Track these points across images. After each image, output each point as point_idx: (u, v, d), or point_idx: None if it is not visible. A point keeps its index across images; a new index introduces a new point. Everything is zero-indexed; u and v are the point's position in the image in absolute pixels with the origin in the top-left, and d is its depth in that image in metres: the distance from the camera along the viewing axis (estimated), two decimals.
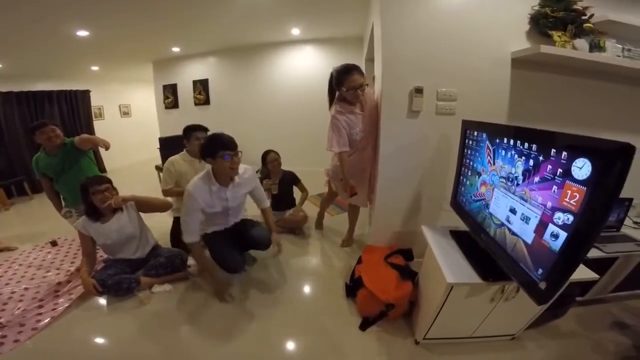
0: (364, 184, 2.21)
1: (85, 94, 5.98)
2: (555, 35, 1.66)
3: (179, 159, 2.40)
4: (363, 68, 3.64)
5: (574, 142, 0.85)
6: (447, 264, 1.29)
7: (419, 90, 1.77)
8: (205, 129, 2.43)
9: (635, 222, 1.89)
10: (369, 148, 2.08)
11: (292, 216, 2.80)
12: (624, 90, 1.87)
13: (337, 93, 1.93)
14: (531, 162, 1.02)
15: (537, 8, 1.68)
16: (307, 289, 2.07)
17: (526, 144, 1.05)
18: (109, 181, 2.05)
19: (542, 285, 0.91)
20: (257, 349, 1.58)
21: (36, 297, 1.99)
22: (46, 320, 1.80)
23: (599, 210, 0.76)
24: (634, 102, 1.91)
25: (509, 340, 1.54)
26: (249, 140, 2.97)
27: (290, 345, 1.61)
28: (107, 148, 2.34)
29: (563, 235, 0.84)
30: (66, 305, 1.92)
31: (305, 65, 4.43)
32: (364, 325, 1.66)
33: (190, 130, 2.39)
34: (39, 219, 3.69)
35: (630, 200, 1.74)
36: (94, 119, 6.18)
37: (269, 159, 2.78)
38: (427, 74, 1.78)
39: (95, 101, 6.15)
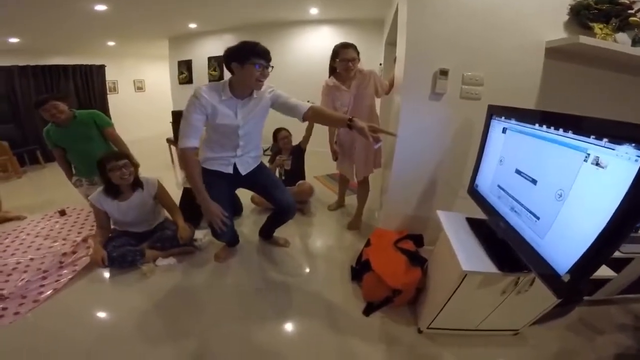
0: (351, 157, 2.29)
1: (101, 68, 6.04)
2: (597, 27, 1.58)
3: None
4: (382, 51, 3.62)
5: (617, 129, 0.78)
6: (462, 250, 1.24)
7: (443, 72, 1.70)
8: None
9: None
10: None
11: (298, 187, 2.79)
12: None
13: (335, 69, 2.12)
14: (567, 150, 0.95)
15: None
16: (311, 270, 2.05)
17: (561, 130, 0.98)
18: (128, 156, 2.00)
19: (566, 277, 0.86)
20: (257, 326, 1.57)
21: (40, 268, 1.98)
22: (48, 292, 1.79)
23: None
24: None
25: (512, 336, 1.51)
26: None
27: (292, 326, 1.60)
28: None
29: (599, 225, 0.77)
30: (70, 277, 1.92)
31: (321, 46, 4.32)
32: (368, 310, 1.64)
33: None
34: (50, 188, 3.75)
35: None
36: (108, 93, 6.24)
37: (280, 136, 2.76)
38: (453, 57, 1.70)
39: (109, 76, 6.21)
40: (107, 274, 1.97)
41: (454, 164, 1.91)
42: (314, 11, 4.02)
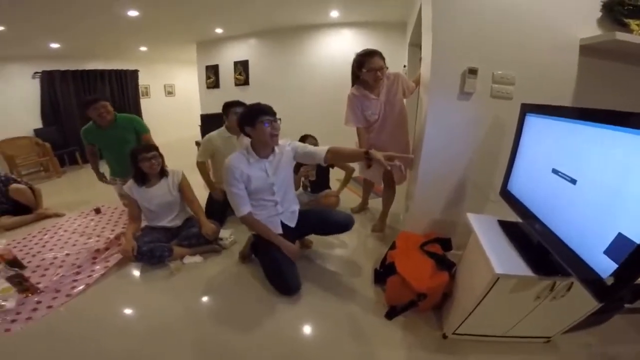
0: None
1: (134, 73, 6.36)
2: (633, 23, 1.53)
3: (215, 135, 2.51)
4: (406, 53, 3.59)
5: None
6: (494, 253, 1.19)
7: (472, 71, 1.66)
8: (244, 104, 2.46)
9: None
10: (387, 130, 2.12)
11: (325, 198, 2.77)
12: None
13: (358, 77, 2.05)
14: (605, 145, 0.91)
15: None
16: (333, 273, 2.04)
17: (600, 126, 0.94)
18: (157, 149, 2.18)
19: (610, 280, 0.81)
20: (280, 327, 1.58)
21: (75, 264, 2.09)
22: (81, 287, 1.87)
23: None
24: None
25: (543, 343, 1.43)
26: (285, 121, 2.97)
27: (314, 329, 1.60)
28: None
29: None
30: (102, 272, 2.01)
31: (343, 49, 4.33)
32: (391, 314, 1.61)
33: (229, 106, 2.46)
34: (87, 187, 3.97)
35: None
36: (141, 97, 6.54)
37: (309, 142, 2.73)
38: (482, 55, 1.66)
39: (142, 80, 6.54)
40: (136, 271, 2.06)
41: (484, 165, 1.85)
42: (334, 14, 4.05)
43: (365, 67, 1.93)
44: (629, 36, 1.46)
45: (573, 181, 1.03)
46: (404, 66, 3.74)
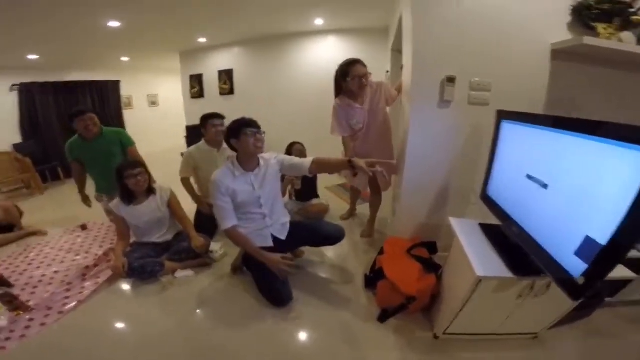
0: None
1: (116, 84, 6.25)
2: (600, 27, 1.60)
3: (195, 150, 2.52)
4: (389, 58, 3.66)
5: (627, 132, 0.80)
6: (476, 256, 1.25)
7: (451, 80, 1.72)
8: (221, 117, 2.50)
9: None
10: (371, 138, 2.18)
11: (314, 207, 2.80)
12: None
13: (342, 87, 2.11)
14: (573, 151, 0.97)
15: (580, 0, 1.61)
16: (325, 280, 2.07)
17: (568, 133, 1.00)
18: (143, 165, 2.15)
19: (581, 280, 0.87)
20: (275, 337, 1.60)
21: (64, 281, 2.06)
22: (72, 304, 1.85)
23: None
24: None
25: (531, 339, 1.49)
26: (272, 129, 2.99)
27: (307, 334, 1.62)
28: None
29: (610, 228, 0.79)
30: (92, 289, 1.99)
31: (328, 56, 4.36)
32: (383, 317, 1.65)
33: (207, 118, 2.48)
34: (71, 203, 3.85)
35: None
36: (123, 108, 6.44)
37: (294, 150, 2.73)
38: (459, 63, 1.73)
39: (124, 91, 6.43)
40: (127, 287, 2.04)
41: (465, 170, 1.92)
42: (319, 22, 4.07)
43: (350, 75, 1.99)
44: (596, 40, 1.54)
45: (545, 186, 1.10)
46: (387, 72, 3.80)
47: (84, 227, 2.97)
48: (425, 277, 1.63)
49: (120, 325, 1.75)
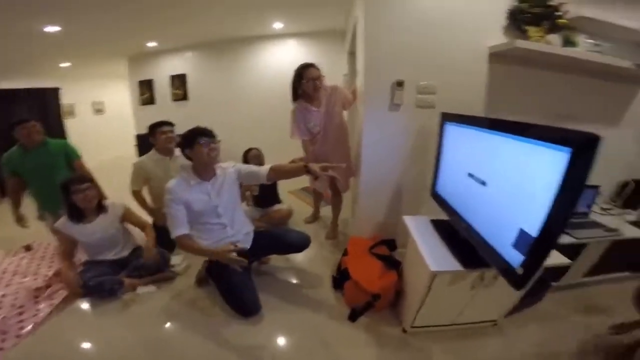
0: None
1: (55, 91, 5.73)
2: (531, 30, 1.72)
3: (147, 159, 2.40)
4: (345, 60, 3.72)
5: (546, 133, 0.89)
6: (429, 252, 1.33)
7: (400, 84, 1.81)
8: (170, 123, 2.42)
9: (602, 209, 2.01)
10: (329, 141, 2.23)
11: (276, 212, 2.79)
12: (594, 83, 1.98)
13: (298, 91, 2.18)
14: (505, 151, 1.06)
15: (515, 3, 1.73)
16: (293, 284, 2.07)
17: (500, 134, 1.09)
18: (91, 180, 2.00)
19: (520, 270, 0.96)
20: (247, 345, 1.58)
21: (15, 304, 1.90)
22: (29, 327, 1.73)
23: (570, 196, 0.80)
24: (602, 95, 2.03)
25: (491, 326, 1.61)
26: (230, 136, 2.94)
27: (281, 340, 1.62)
28: None
29: (539, 221, 0.88)
30: (48, 310, 1.86)
31: (288, 60, 4.31)
32: (353, 317, 1.69)
33: (155, 126, 2.38)
34: (10, 223, 3.51)
35: (597, 187, 1.85)
36: (65, 117, 5.94)
37: (251, 156, 2.70)
38: (408, 68, 1.81)
39: (66, 99, 5.91)
40: (87, 306, 1.91)
41: (417, 170, 2.02)
42: (278, 25, 4.04)
43: (304, 77, 2.07)
44: (527, 43, 1.67)
45: (483, 183, 1.19)
46: (344, 75, 3.86)
47: (28, 248, 2.72)
48: (387, 274, 1.70)
49: (83, 345, 1.64)
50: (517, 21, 1.75)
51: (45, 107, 5.55)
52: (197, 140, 1.63)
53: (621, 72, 1.86)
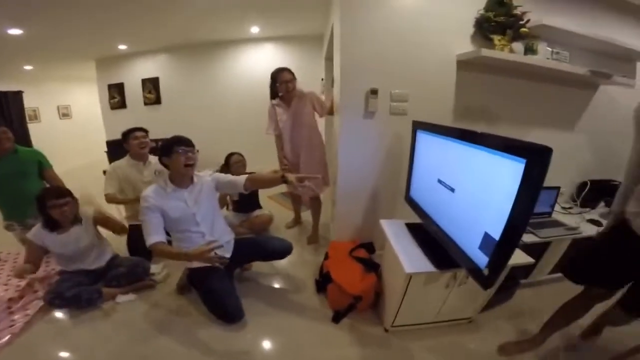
0: (297, 170, 2.36)
1: (17, 95, 5.43)
2: (496, 39, 1.80)
3: (121, 163, 2.38)
4: (323, 66, 3.77)
5: (504, 144, 0.97)
6: (405, 255, 1.39)
7: (374, 92, 1.86)
8: (144, 130, 2.41)
9: (564, 208, 2.16)
10: (297, 141, 2.35)
11: (257, 217, 2.79)
12: (553, 89, 2.11)
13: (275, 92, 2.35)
14: (470, 159, 1.13)
15: (482, 12, 1.80)
16: (277, 289, 2.09)
17: (465, 144, 1.17)
18: (70, 193, 1.92)
19: (486, 271, 1.03)
20: (232, 351, 1.58)
21: None
22: (6, 338, 1.66)
23: (526, 202, 0.88)
24: (561, 100, 2.17)
25: (467, 323, 1.70)
26: (204, 141, 2.90)
27: (267, 345, 1.64)
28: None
29: (500, 225, 0.95)
30: (24, 321, 1.79)
31: (265, 64, 4.26)
32: (336, 318, 1.73)
33: (128, 132, 2.37)
34: None
35: (558, 188, 1.98)
36: (28, 121, 5.64)
37: (232, 161, 2.67)
38: (381, 76, 1.87)
39: (29, 102, 5.61)
40: (65, 316, 1.85)
41: (392, 175, 2.09)
42: (255, 30, 4.03)
43: (278, 81, 2.23)
44: (491, 52, 1.75)
45: (452, 190, 1.27)
46: (322, 79, 3.90)
47: None
48: (367, 276, 1.76)
49: (63, 355, 1.60)
50: (483, 30, 1.82)
51: (6, 110, 5.26)
52: (174, 149, 1.63)
53: (577, 78, 1.98)
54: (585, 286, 1.31)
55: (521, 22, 1.79)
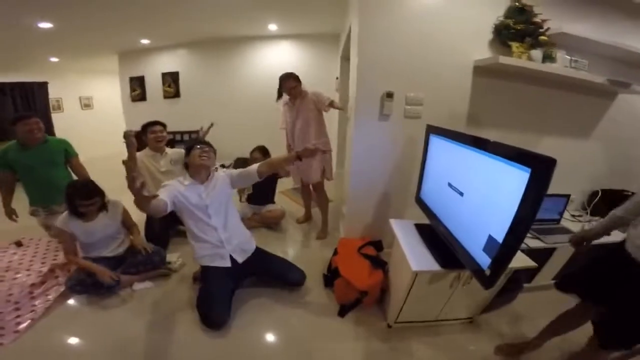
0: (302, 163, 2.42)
1: (43, 85, 5.64)
2: (514, 46, 1.79)
3: (140, 154, 2.48)
4: (338, 64, 3.80)
5: (511, 153, 1.01)
6: (412, 253, 1.45)
7: (389, 95, 1.90)
8: (162, 124, 2.55)
9: (573, 215, 2.16)
10: (301, 133, 2.51)
11: (269, 212, 2.88)
12: (571, 97, 2.09)
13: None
14: (479, 166, 1.18)
15: (501, 19, 1.81)
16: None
17: (476, 150, 1.21)
18: (97, 193, 2.01)
19: (488, 272, 1.08)
20: (243, 340, 1.66)
21: (10, 300, 1.92)
22: (26, 323, 1.76)
23: (529, 209, 0.92)
24: (577, 108, 2.15)
25: (468, 323, 1.74)
26: (220, 134, 3.01)
27: (275, 334, 1.71)
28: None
29: (504, 228, 1.00)
30: (44, 306, 1.89)
31: (281, 61, 4.41)
32: (342, 312, 1.80)
33: (147, 126, 2.52)
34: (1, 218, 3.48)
35: (568, 196, 1.99)
36: (52, 111, 5.86)
37: (251, 159, 2.76)
38: (397, 79, 1.89)
39: (53, 93, 5.82)
40: (84, 302, 1.95)
41: (402, 176, 2.13)
42: (272, 27, 4.09)
43: (283, 87, 2.46)
44: (508, 59, 1.74)
45: (461, 194, 1.32)
46: (337, 78, 3.94)
47: (19, 244, 2.72)
48: (374, 273, 1.82)
49: (81, 340, 1.69)
50: (502, 36, 1.82)
51: (32, 100, 5.47)
52: (193, 148, 1.84)
53: (595, 86, 1.96)
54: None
55: (541, 30, 1.78)
